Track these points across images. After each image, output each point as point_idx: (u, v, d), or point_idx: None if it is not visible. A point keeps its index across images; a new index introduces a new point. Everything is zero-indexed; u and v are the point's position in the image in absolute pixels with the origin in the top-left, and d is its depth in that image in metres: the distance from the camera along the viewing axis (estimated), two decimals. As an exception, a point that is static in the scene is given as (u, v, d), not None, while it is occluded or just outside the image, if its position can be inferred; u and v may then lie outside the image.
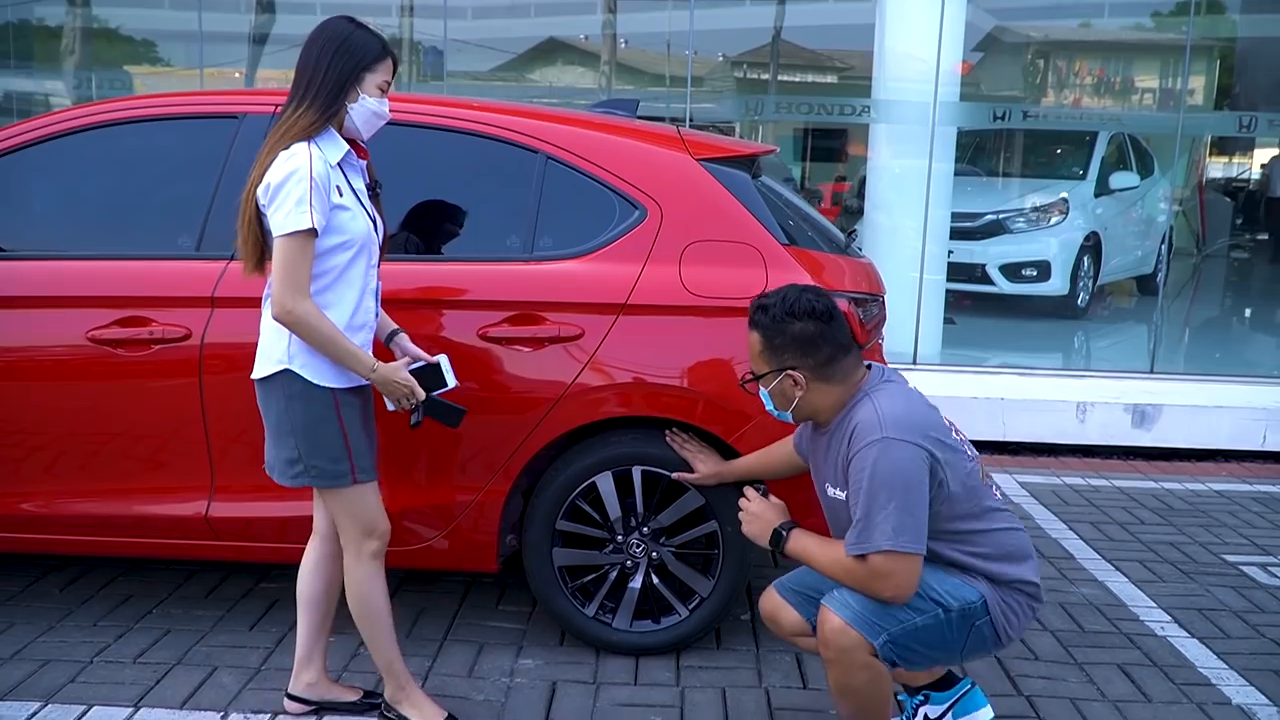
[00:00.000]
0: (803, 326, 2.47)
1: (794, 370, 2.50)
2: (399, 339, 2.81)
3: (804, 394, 2.51)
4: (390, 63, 2.58)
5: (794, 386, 2.51)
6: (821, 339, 2.48)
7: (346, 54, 2.49)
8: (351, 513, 2.63)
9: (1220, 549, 4.35)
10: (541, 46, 9.27)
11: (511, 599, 3.64)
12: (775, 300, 2.51)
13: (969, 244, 7.79)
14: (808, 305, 2.48)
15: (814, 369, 2.49)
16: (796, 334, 2.48)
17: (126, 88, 7.98)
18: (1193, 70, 9.82)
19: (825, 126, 9.11)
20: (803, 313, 2.47)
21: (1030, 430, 5.78)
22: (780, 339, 2.49)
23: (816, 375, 2.50)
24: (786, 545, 2.56)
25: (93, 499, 3.18)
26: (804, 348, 2.48)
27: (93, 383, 3.12)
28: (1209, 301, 10.38)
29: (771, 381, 2.54)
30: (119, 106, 3.32)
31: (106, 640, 3.26)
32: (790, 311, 2.48)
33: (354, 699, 2.89)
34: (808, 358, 2.49)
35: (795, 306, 2.48)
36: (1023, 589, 2.52)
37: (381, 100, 2.57)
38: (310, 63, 2.51)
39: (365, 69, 2.52)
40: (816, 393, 2.52)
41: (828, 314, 2.50)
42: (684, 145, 3.30)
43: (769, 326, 2.50)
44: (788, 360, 2.50)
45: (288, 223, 2.40)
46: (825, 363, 2.49)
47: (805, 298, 2.49)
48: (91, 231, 3.29)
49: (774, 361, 2.52)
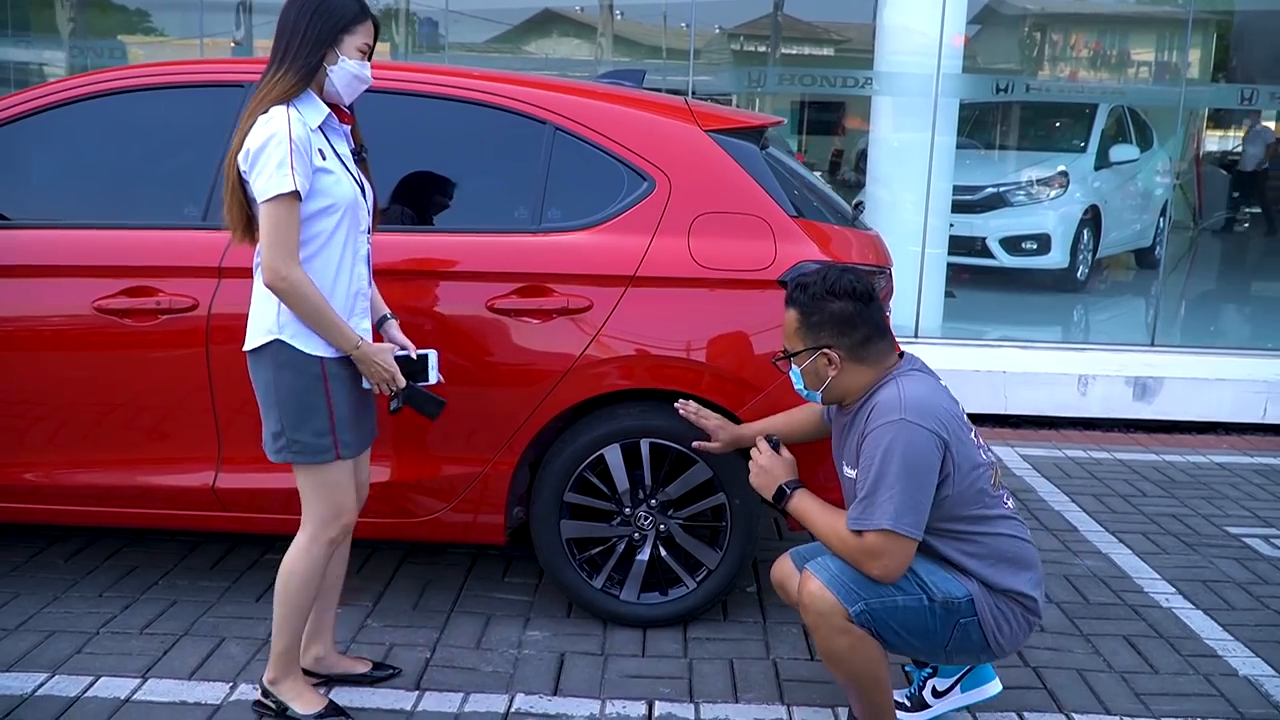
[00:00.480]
0: (841, 306, 2.48)
1: (830, 349, 2.50)
2: (388, 325, 2.75)
3: (837, 374, 2.51)
4: (370, 25, 2.52)
5: (828, 366, 2.51)
6: (859, 319, 2.49)
7: (324, 15, 2.45)
8: (322, 492, 2.57)
9: (1223, 521, 4.36)
10: (537, 18, 9.21)
11: (517, 571, 3.64)
12: (815, 279, 2.51)
13: (969, 217, 7.77)
14: (848, 285, 2.49)
15: (849, 349, 2.50)
16: (835, 312, 2.48)
17: (121, 57, 7.90)
18: (1191, 43, 9.78)
19: (823, 100, 9.06)
20: (843, 292, 2.48)
21: (1031, 403, 5.79)
22: (818, 316, 2.49)
23: (851, 355, 2.50)
24: (789, 502, 2.56)
25: (98, 469, 3.17)
26: (841, 327, 2.49)
27: (99, 353, 3.10)
28: (1208, 275, 10.39)
29: (805, 360, 2.54)
30: (125, 75, 3.28)
31: (113, 611, 3.26)
32: (830, 290, 2.48)
33: (364, 670, 2.89)
34: (844, 337, 2.49)
35: (835, 286, 2.49)
36: (1019, 600, 2.51)
37: (362, 63, 2.52)
38: (288, 25, 2.46)
39: (343, 30, 2.47)
40: (849, 373, 2.52)
41: (867, 295, 2.51)
42: (692, 116, 3.27)
43: (807, 304, 2.50)
44: (824, 339, 2.50)
45: (269, 186, 2.36)
46: (861, 343, 2.50)
47: (846, 278, 2.51)
48: (98, 201, 3.27)
49: (810, 340, 2.52)
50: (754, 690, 2.93)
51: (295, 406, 2.49)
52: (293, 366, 2.48)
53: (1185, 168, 10.59)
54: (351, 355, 2.50)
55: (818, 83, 7.06)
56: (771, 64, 8.97)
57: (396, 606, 3.36)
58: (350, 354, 2.50)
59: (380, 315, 2.75)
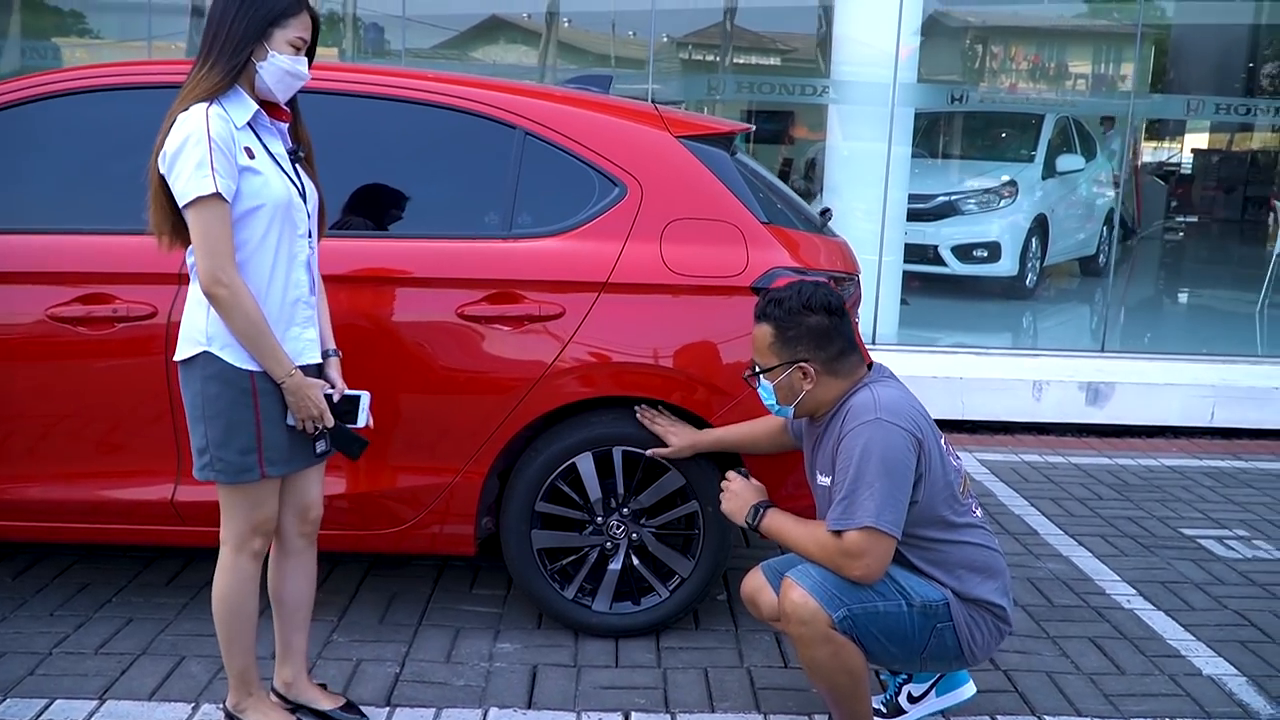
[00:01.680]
0: (818, 319, 2.50)
1: (806, 362, 2.50)
2: (329, 361, 2.58)
3: (812, 387, 2.53)
4: (305, 17, 2.37)
5: (803, 379, 2.52)
6: (834, 332, 2.51)
7: (252, 7, 2.31)
8: (242, 510, 2.45)
9: (1177, 523, 4.44)
10: (485, 24, 9.17)
11: (485, 582, 3.59)
12: (790, 294, 2.53)
13: (921, 225, 7.87)
14: (823, 299, 2.51)
15: (825, 362, 2.51)
16: (812, 326, 2.50)
17: (56, 59, 7.71)
18: (1127, 56, 10.01)
19: (770, 108, 9.13)
20: (818, 306, 2.50)
21: (988, 409, 5.85)
22: (795, 330, 2.51)
23: (826, 369, 2.52)
24: (762, 522, 2.59)
25: (51, 483, 3.06)
26: (818, 340, 2.50)
27: (52, 362, 3.00)
28: (1156, 281, 10.63)
29: (780, 374, 2.54)
30: (79, 75, 3.18)
31: (65, 630, 3.15)
32: (806, 304, 2.50)
33: (331, 707, 2.73)
34: (820, 350, 2.51)
35: (811, 300, 2.50)
36: (989, 608, 2.53)
37: (296, 58, 2.37)
38: (215, 17, 2.32)
39: (273, 24, 2.33)
40: (823, 386, 2.53)
41: (840, 309, 2.54)
42: (663, 122, 3.25)
43: (783, 319, 2.51)
44: (800, 352, 2.51)
45: (189, 189, 2.23)
46: (836, 356, 2.52)
47: (820, 292, 2.53)
48: (53, 205, 3.15)
49: (785, 354, 2.52)
50: (730, 699, 2.91)
51: (222, 423, 2.36)
52: (221, 379, 2.35)
53: (1125, 177, 10.85)
54: (282, 383, 2.37)
55: (776, 91, 7.09)
56: (721, 72, 9.01)
57: (363, 620, 3.29)
58: (281, 381, 2.36)
59: (325, 349, 2.58)
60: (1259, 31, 11.14)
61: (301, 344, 2.47)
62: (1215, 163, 14.25)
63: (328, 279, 2.67)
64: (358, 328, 2.93)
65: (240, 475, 2.40)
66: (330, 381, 2.56)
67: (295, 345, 2.44)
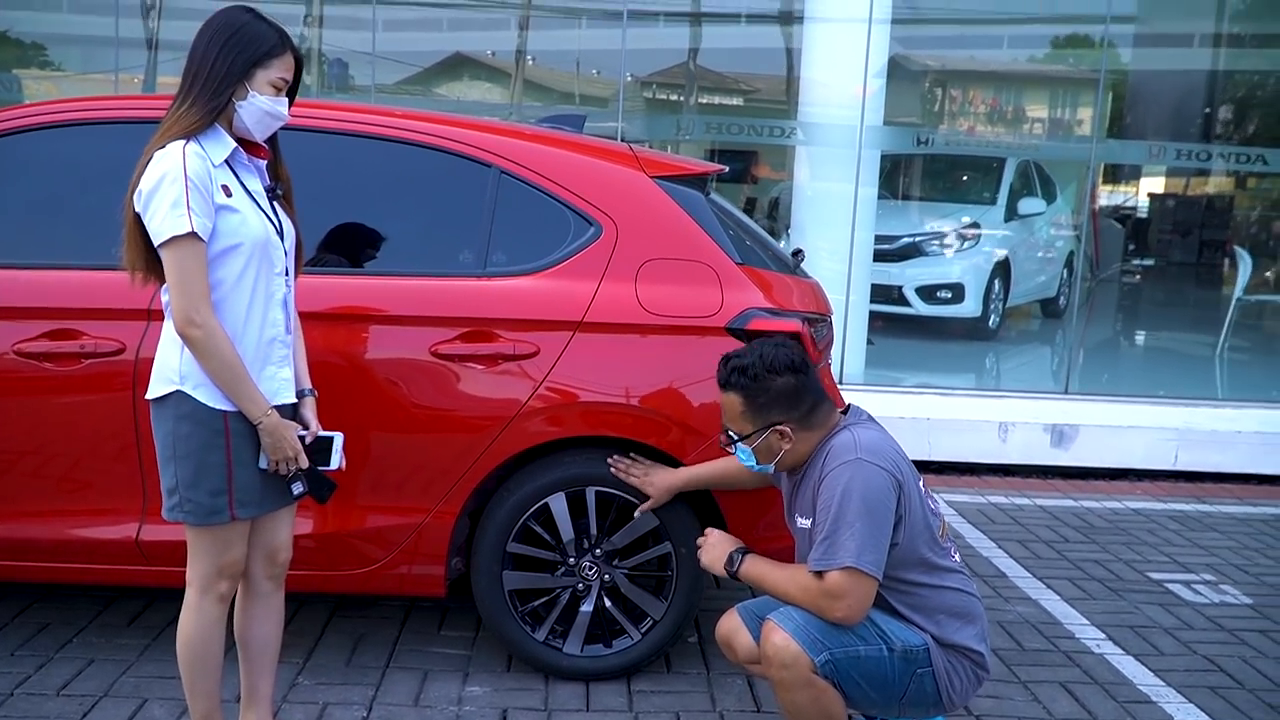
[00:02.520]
0: (785, 381, 2.50)
1: (781, 424, 2.50)
2: (304, 400, 2.54)
3: (790, 446, 2.53)
4: (289, 58, 2.35)
5: (781, 440, 2.53)
6: (803, 390, 2.52)
7: (237, 46, 2.28)
8: (211, 551, 2.39)
9: (1144, 566, 4.48)
10: (449, 61, 9.19)
11: (453, 623, 3.54)
12: (752, 359, 2.51)
13: (886, 266, 7.94)
14: (785, 359, 2.50)
15: (799, 420, 2.52)
16: (780, 389, 2.50)
17: (15, 92, 7.61)
18: (1083, 102, 10.22)
19: (733, 148, 9.23)
20: (783, 367, 2.50)
21: (954, 450, 5.89)
22: (764, 397, 2.50)
23: (801, 425, 2.52)
24: (741, 569, 2.57)
25: (14, 521, 2.99)
26: (789, 401, 2.51)
27: (18, 398, 2.93)
28: (1116, 324, 10.77)
29: (757, 439, 2.54)
30: (47, 110, 3.14)
31: (26, 671, 3.07)
32: (770, 368, 2.49)
33: None
34: (793, 410, 2.51)
35: (774, 362, 2.49)
36: (968, 655, 2.52)
37: (276, 99, 2.35)
38: (197, 55, 2.29)
39: (256, 64, 2.30)
40: (801, 442, 2.54)
41: (804, 364, 2.53)
42: (638, 162, 3.27)
43: (750, 386, 2.50)
44: (774, 416, 2.51)
45: (164, 228, 2.20)
46: (809, 412, 2.53)
47: (781, 353, 2.52)
48: (20, 240, 3.10)
49: (759, 420, 2.52)
50: (703, 744, 2.89)
51: (193, 463, 2.32)
52: (193, 419, 2.30)
53: (1083, 220, 11.05)
54: (258, 423, 2.33)
55: (744, 131, 7.16)
56: (688, 112, 9.09)
57: (329, 663, 3.23)
58: (258, 422, 2.32)
59: (300, 388, 2.54)
60: (1216, 77, 11.42)
61: (277, 383, 2.43)
62: (1171, 207, 14.53)
63: (302, 316, 2.64)
64: (330, 365, 2.90)
65: (210, 517, 2.35)
66: (304, 422, 2.52)
67: (271, 385, 2.41)
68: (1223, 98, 11.98)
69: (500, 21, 9.07)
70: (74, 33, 8.10)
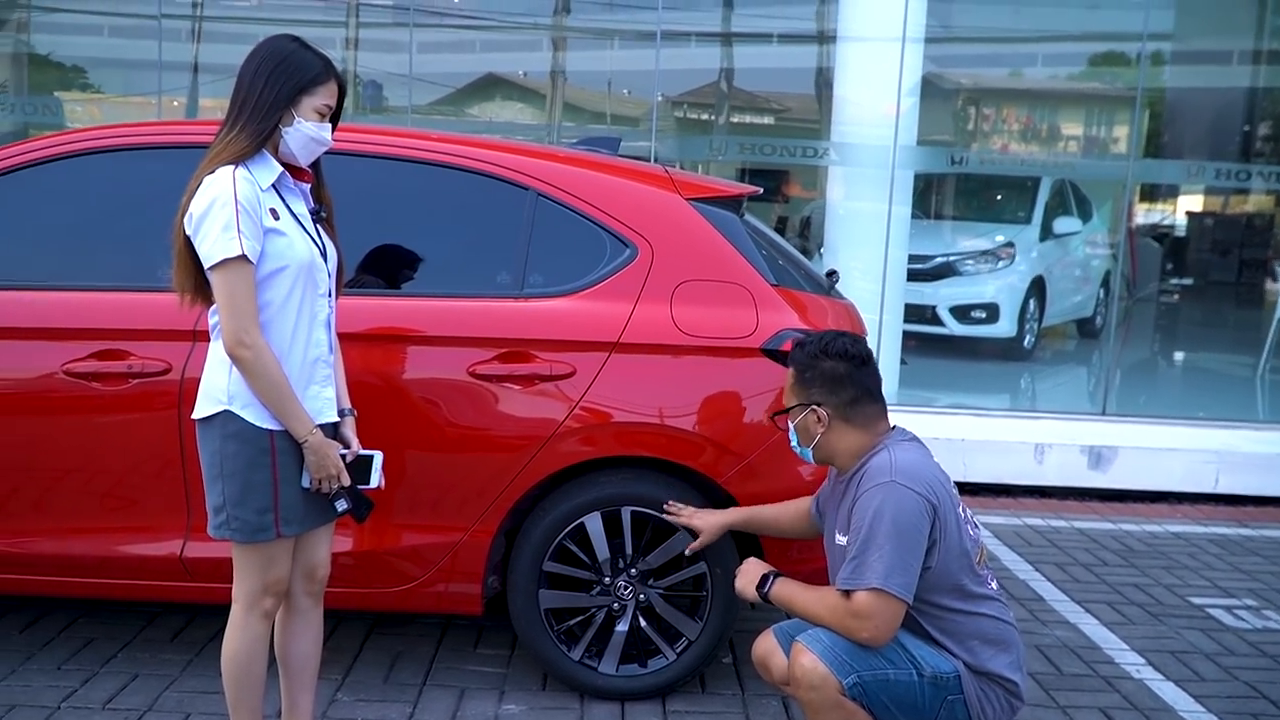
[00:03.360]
0: (833, 365, 2.56)
1: (819, 406, 2.55)
2: (345, 420, 2.59)
3: (825, 432, 2.57)
4: (334, 86, 2.41)
5: (816, 423, 2.57)
6: (849, 380, 2.56)
7: (284, 74, 2.35)
8: (257, 568, 2.44)
9: (1185, 591, 4.42)
10: (480, 82, 9.29)
11: (489, 641, 3.56)
12: (814, 339, 2.62)
13: (920, 286, 7.92)
14: (841, 347, 2.58)
15: (837, 408, 2.56)
16: (826, 371, 2.56)
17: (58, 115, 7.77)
18: (1119, 120, 10.14)
19: (772, 168, 9.24)
20: (835, 353, 2.57)
21: (990, 471, 5.85)
22: (810, 374, 2.58)
23: (839, 414, 2.56)
24: (772, 590, 2.60)
25: (62, 538, 3.05)
26: (831, 385, 2.56)
27: (67, 417, 3.00)
28: (1154, 344, 10.67)
29: (797, 415, 2.61)
30: (98, 135, 3.22)
31: (73, 685, 3.13)
32: (824, 350, 2.58)
33: None
34: (833, 395, 2.56)
35: (830, 346, 2.58)
36: (1002, 683, 2.50)
37: (321, 125, 2.41)
38: (245, 83, 2.36)
39: (302, 91, 2.37)
40: (837, 432, 2.56)
41: (860, 359, 2.59)
42: (673, 184, 3.30)
43: (802, 361, 2.60)
44: (814, 395, 2.57)
45: (215, 251, 2.26)
46: (849, 403, 2.56)
47: (841, 340, 2.60)
48: (70, 262, 3.17)
49: (801, 396, 2.60)
50: (738, 766, 2.88)
51: (239, 481, 2.36)
52: (240, 439, 2.35)
53: (1120, 239, 10.96)
54: (303, 441, 2.37)
55: (777, 152, 7.18)
56: (716, 132, 9.12)
57: (367, 679, 3.26)
58: (303, 440, 2.37)
59: (341, 408, 2.59)
60: (1255, 94, 11.31)
61: (320, 402, 2.48)
62: (1210, 225, 14.37)
63: (341, 337, 2.69)
64: (369, 385, 2.94)
65: (256, 534, 2.40)
66: (345, 441, 2.56)
67: (314, 404, 2.45)
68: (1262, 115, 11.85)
69: (532, 43, 9.16)
70: (115, 56, 8.27)
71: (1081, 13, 8.19)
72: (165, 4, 7.16)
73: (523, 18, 8.89)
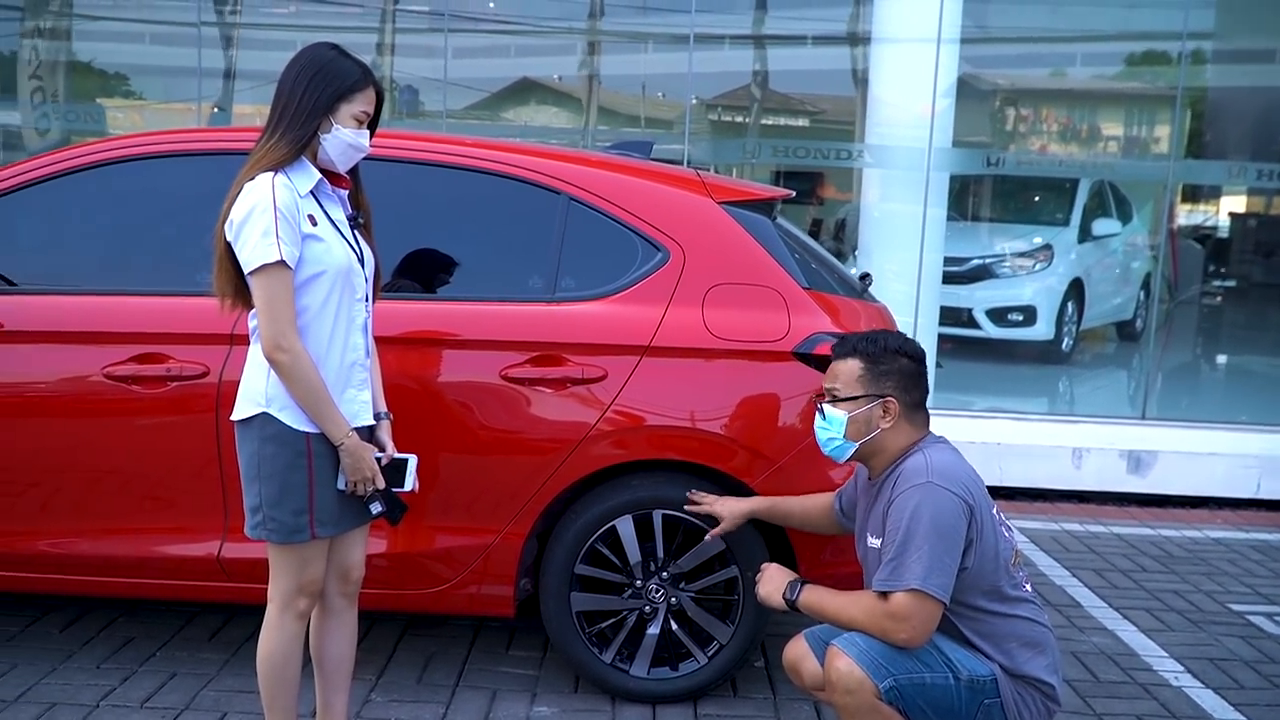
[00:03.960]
0: (909, 363, 2.58)
1: (892, 399, 2.54)
2: (380, 424, 2.63)
3: (888, 428, 2.54)
4: (371, 93, 2.44)
5: (883, 416, 2.55)
6: (921, 379, 2.59)
7: (323, 82, 2.38)
8: (292, 569, 2.47)
9: (1225, 598, 4.36)
10: (515, 86, 9.32)
11: (522, 643, 3.58)
12: (883, 335, 2.62)
13: (955, 288, 7.85)
14: (915, 347, 2.61)
15: (907, 405, 2.56)
16: (903, 368, 2.57)
17: (100, 122, 7.89)
18: (1161, 120, 9.99)
19: (806, 170, 9.20)
20: (909, 352, 2.59)
21: (1027, 475, 5.79)
22: (886, 366, 2.56)
23: (906, 411, 2.56)
24: (800, 599, 2.58)
25: (103, 538, 3.10)
26: (907, 382, 2.57)
27: (107, 419, 3.05)
28: (1195, 347, 10.51)
29: (862, 406, 2.55)
30: (139, 142, 3.27)
31: (112, 683, 3.18)
32: (900, 348, 2.58)
33: None
34: (906, 393, 2.56)
35: (905, 345, 2.60)
36: (1038, 686, 2.48)
37: (359, 132, 2.44)
38: (285, 90, 2.40)
39: (340, 98, 2.40)
40: (897, 430, 2.55)
41: (924, 359, 2.62)
42: (705, 188, 3.30)
43: (876, 355, 2.58)
44: (888, 388, 2.55)
45: (254, 257, 2.30)
46: (916, 404, 2.58)
47: (909, 342, 2.62)
48: (111, 267, 3.24)
49: (873, 387, 2.56)
50: (769, 770, 2.88)
51: (277, 483, 2.40)
52: (278, 441, 2.39)
53: (1161, 241, 10.79)
54: (340, 444, 2.41)
55: (810, 155, 7.15)
56: (750, 135, 9.09)
57: (400, 680, 3.29)
58: (339, 443, 2.40)
59: (376, 411, 2.62)
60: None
61: (357, 405, 2.51)
62: (1253, 226, 14.13)
63: (375, 340, 2.71)
64: (403, 388, 2.96)
65: (292, 535, 2.43)
66: (380, 444, 2.59)
67: (351, 407, 2.48)
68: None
69: (568, 46, 9.19)
70: (156, 63, 8.38)
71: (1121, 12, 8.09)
72: (204, 11, 7.26)
73: (557, 22, 8.92)
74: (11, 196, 3.20)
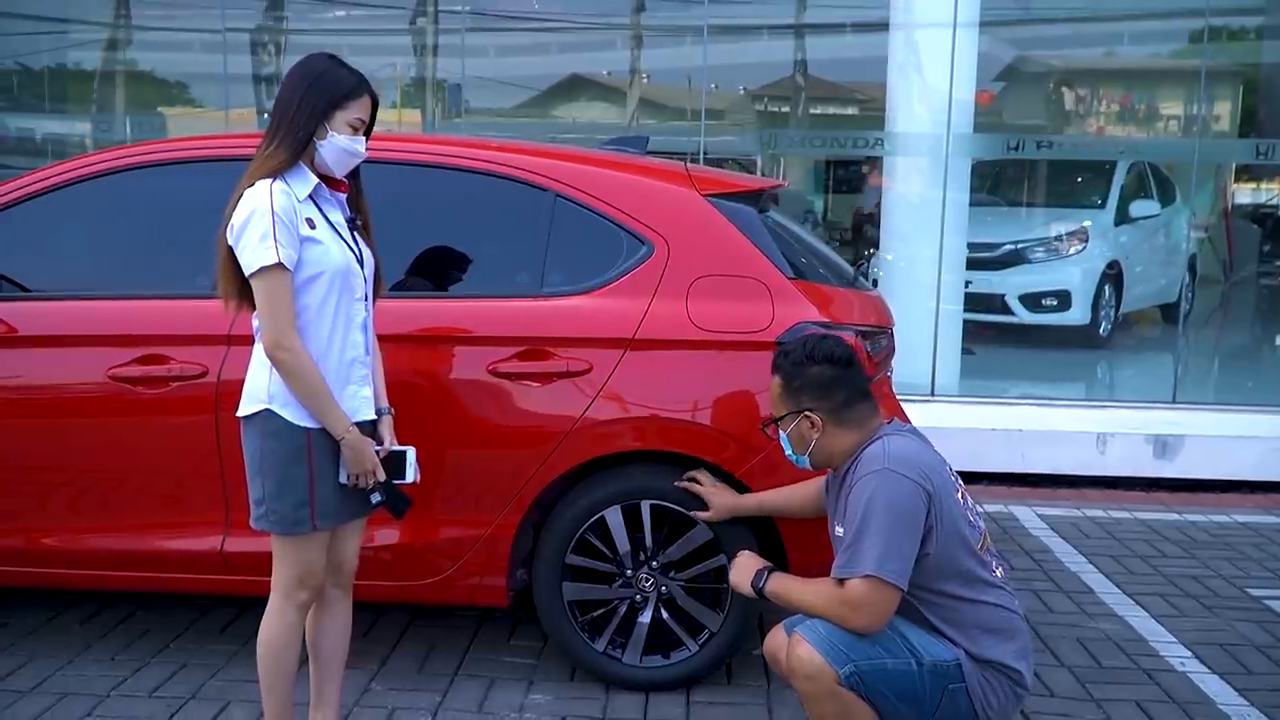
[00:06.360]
0: (820, 370, 2.55)
1: (811, 412, 2.54)
2: (382, 419, 2.70)
3: (820, 437, 2.57)
4: (367, 100, 2.53)
5: (810, 429, 2.56)
6: (839, 382, 2.56)
7: (319, 90, 2.47)
8: (294, 559, 2.56)
9: (1244, 582, 4.29)
10: (564, 83, 9.37)
11: (523, 634, 3.65)
12: (797, 345, 2.60)
13: (987, 274, 7.76)
14: (827, 350, 2.57)
15: (830, 412, 2.55)
16: (814, 377, 2.55)
17: (159, 129, 8.11)
18: (1217, 96, 9.76)
19: (840, 159, 9.16)
20: (822, 357, 2.56)
21: (1050, 461, 5.73)
22: (799, 381, 2.57)
23: (832, 418, 2.55)
24: (766, 587, 2.61)
25: (112, 534, 3.23)
26: (822, 390, 2.55)
27: (112, 419, 3.17)
28: (1233, 330, 10.26)
29: (790, 424, 2.60)
30: (140, 151, 3.40)
31: (124, 674, 3.30)
32: (810, 355, 2.56)
33: None
34: (824, 400, 2.55)
35: (815, 351, 2.57)
36: (1005, 672, 2.49)
37: (354, 138, 2.52)
38: (284, 99, 2.49)
39: (336, 106, 2.48)
40: (831, 436, 2.56)
41: (846, 360, 2.58)
42: (690, 181, 3.33)
43: (789, 370, 2.58)
44: (805, 402, 2.56)
45: (253, 260, 2.39)
46: (841, 406, 2.56)
47: (825, 343, 2.59)
48: (115, 272, 3.36)
49: (792, 403, 2.59)
50: (755, 756, 2.91)
51: (278, 477, 2.49)
52: (279, 436, 2.48)
53: (1214, 221, 10.53)
54: (341, 439, 2.49)
55: (830, 144, 7.13)
56: (789, 125, 9.05)
57: (402, 669, 3.37)
58: (340, 437, 2.49)
59: (379, 407, 2.70)
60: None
61: (357, 401, 2.59)
62: (1312, 206, 13.72)
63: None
64: (393, 383, 3.03)
65: (294, 527, 2.53)
66: (380, 439, 2.67)
67: (352, 403, 2.57)
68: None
69: (612, 41, 9.21)
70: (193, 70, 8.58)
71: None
72: (229, 19, 7.43)
73: (600, 18, 8.96)
74: (23, 206, 3.33)
